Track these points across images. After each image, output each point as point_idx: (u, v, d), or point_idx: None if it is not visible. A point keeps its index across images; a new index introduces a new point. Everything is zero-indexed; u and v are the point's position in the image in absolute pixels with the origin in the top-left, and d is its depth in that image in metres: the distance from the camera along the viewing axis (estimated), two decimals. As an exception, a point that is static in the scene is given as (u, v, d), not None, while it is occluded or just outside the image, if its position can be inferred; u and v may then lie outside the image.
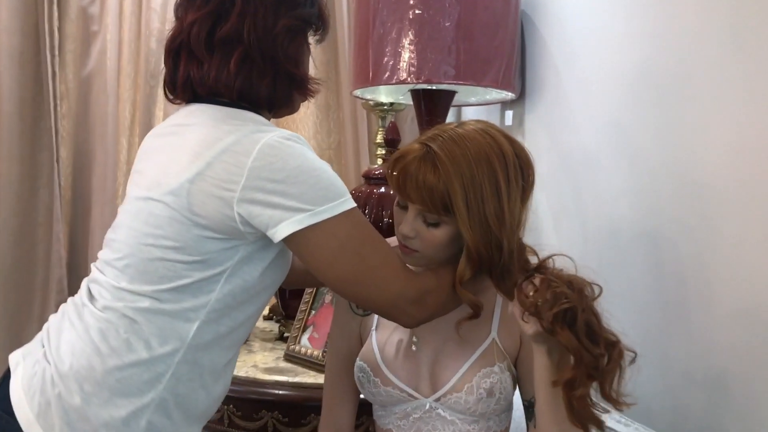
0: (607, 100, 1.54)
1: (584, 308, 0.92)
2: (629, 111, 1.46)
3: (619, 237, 1.49)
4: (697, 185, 1.25)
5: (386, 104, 2.03)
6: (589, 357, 0.92)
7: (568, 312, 0.91)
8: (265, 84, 1.05)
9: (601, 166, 1.56)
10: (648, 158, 1.40)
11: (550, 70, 1.82)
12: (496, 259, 0.99)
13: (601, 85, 1.57)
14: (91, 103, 2.33)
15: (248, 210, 0.95)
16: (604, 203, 1.55)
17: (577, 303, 0.92)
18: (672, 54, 1.33)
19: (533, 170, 1.05)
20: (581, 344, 0.91)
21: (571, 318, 0.92)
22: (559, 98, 1.77)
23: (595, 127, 1.59)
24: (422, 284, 1.03)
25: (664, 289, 1.33)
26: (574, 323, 0.91)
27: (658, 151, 1.37)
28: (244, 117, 1.03)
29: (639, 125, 1.43)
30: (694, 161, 1.26)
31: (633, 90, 1.45)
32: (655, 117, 1.38)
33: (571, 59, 1.71)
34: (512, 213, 1.00)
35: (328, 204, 0.96)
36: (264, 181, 0.94)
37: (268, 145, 0.95)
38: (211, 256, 1.00)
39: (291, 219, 0.95)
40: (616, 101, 1.51)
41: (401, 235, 1.04)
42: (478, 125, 1.04)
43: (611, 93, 1.53)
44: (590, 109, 1.61)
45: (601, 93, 1.57)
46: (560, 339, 0.92)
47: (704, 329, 1.23)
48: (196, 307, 1.01)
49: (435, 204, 0.98)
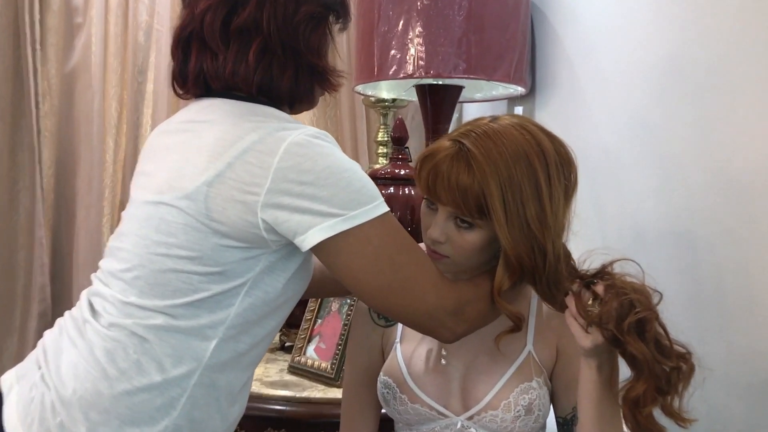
0: (629, 96, 1.49)
1: (654, 318, 0.88)
2: (656, 106, 1.40)
3: (645, 239, 1.43)
4: (736, 183, 1.19)
5: (388, 100, 1.99)
6: (661, 370, 0.86)
7: (641, 322, 0.87)
8: (287, 77, 0.98)
9: (623, 165, 1.50)
10: (678, 155, 1.34)
11: (563, 65, 1.76)
12: (541, 267, 0.93)
13: (624, 80, 1.51)
14: (74, 101, 2.25)
15: (274, 215, 0.88)
16: (626, 204, 1.49)
17: (649, 312, 0.87)
18: (706, 45, 1.27)
19: (576, 169, 0.99)
20: (654, 357, 0.85)
21: (641, 328, 0.87)
22: (574, 94, 1.71)
23: (615, 124, 1.53)
24: (461, 294, 0.96)
25: (699, 292, 1.27)
26: (644, 334, 0.87)
27: (690, 148, 1.31)
28: (266, 113, 0.95)
29: (667, 121, 1.37)
30: (732, 158, 1.20)
31: (660, 84, 1.39)
32: (687, 112, 1.32)
33: (588, 53, 1.65)
34: (555, 215, 0.94)
35: (362, 208, 0.89)
36: (291, 183, 0.87)
37: (296, 144, 0.88)
38: (231, 266, 0.91)
39: (322, 225, 0.88)
40: (640, 96, 1.45)
41: (430, 240, 0.98)
42: (513, 120, 0.98)
43: (635, 88, 1.47)
44: (610, 105, 1.55)
45: (623, 88, 1.51)
46: (633, 351, 0.86)
47: (745, 334, 1.17)
48: (214, 323, 0.92)
49: (469, 206, 0.92)
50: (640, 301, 0.88)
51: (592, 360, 0.92)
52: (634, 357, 0.87)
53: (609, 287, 0.90)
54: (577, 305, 0.92)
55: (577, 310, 0.91)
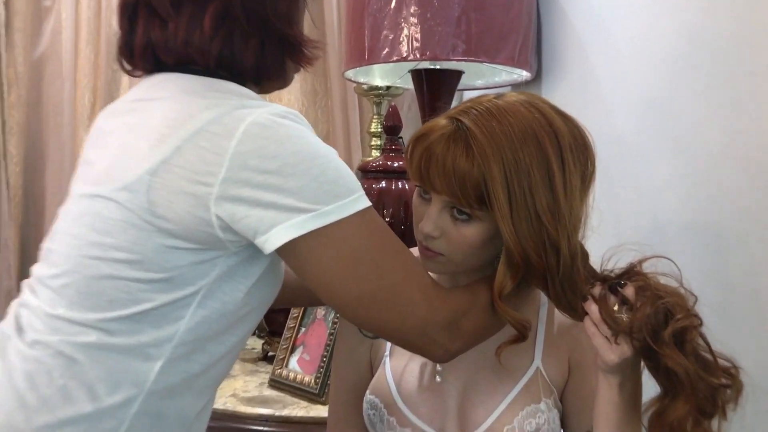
0: (647, 77, 1.35)
1: (695, 326, 0.79)
2: (678, 88, 1.27)
3: (665, 235, 1.30)
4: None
5: (382, 88, 1.86)
6: (706, 388, 0.77)
7: (681, 332, 0.77)
8: (251, 48, 0.84)
9: (640, 154, 1.36)
10: (704, 142, 1.21)
11: (572, 46, 1.62)
12: (554, 267, 0.82)
13: (639, 60, 1.37)
14: (43, 90, 2.15)
15: (230, 211, 0.74)
16: (644, 197, 1.36)
17: (691, 320, 0.78)
18: (735, 16, 1.14)
19: (593, 154, 0.89)
20: (698, 373, 0.76)
21: (680, 339, 0.78)
22: (584, 77, 1.56)
23: (632, 109, 1.39)
24: (456, 305, 0.82)
25: (729, 295, 1.14)
26: (684, 346, 0.78)
27: (717, 134, 1.18)
28: (226, 89, 0.81)
29: (691, 104, 1.24)
30: (766, 144, 1.07)
31: (683, 63, 1.26)
32: (713, 93, 1.19)
33: (599, 31, 1.51)
34: (570, 206, 0.83)
35: (337, 202, 0.75)
36: (252, 171, 0.73)
37: (258, 124, 0.74)
38: (180, 272, 0.77)
39: (288, 222, 0.73)
40: (659, 77, 1.32)
41: (422, 234, 0.86)
42: (521, 97, 0.87)
43: (653, 68, 1.33)
44: (625, 88, 1.41)
45: (640, 69, 1.37)
46: (672, 366, 0.76)
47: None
48: (159, 340, 0.78)
49: (467, 194, 0.81)
50: (680, 307, 0.78)
51: (614, 377, 0.82)
52: (671, 373, 0.77)
53: (641, 290, 0.80)
54: (601, 312, 0.81)
55: (602, 318, 0.80)
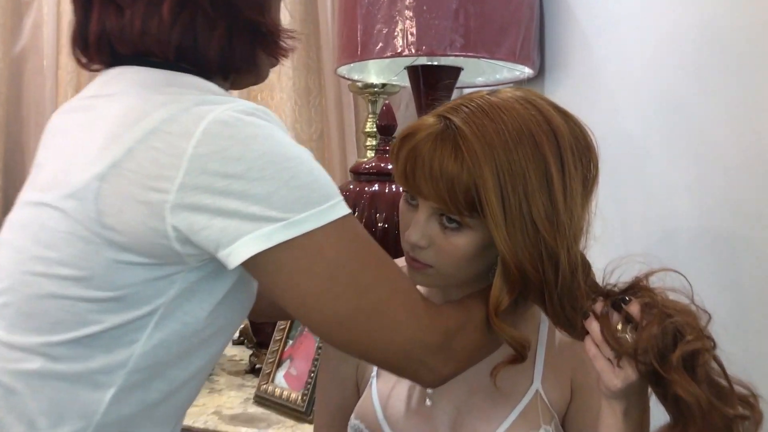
0: (658, 74, 1.27)
1: (708, 349, 0.72)
2: (690, 86, 1.19)
3: (676, 243, 1.22)
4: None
5: (377, 86, 1.78)
6: (720, 419, 0.70)
7: (692, 355, 0.70)
8: (216, 38, 0.75)
9: (651, 156, 1.28)
10: (718, 143, 1.13)
11: (576, 40, 1.53)
12: (552, 280, 0.75)
13: (650, 56, 1.29)
14: (23, 88, 2.09)
15: (189, 221, 0.65)
16: (654, 201, 1.29)
17: (703, 342, 0.71)
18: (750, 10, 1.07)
19: (596, 156, 0.82)
20: (711, 402, 0.69)
21: (691, 363, 0.71)
22: (590, 74, 1.48)
23: (641, 107, 1.31)
24: (447, 323, 0.74)
25: (744, 309, 1.06)
26: (695, 370, 0.71)
27: (732, 134, 1.10)
28: (186, 83, 0.73)
29: (704, 103, 1.16)
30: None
31: (695, 59, 1.18)
32: (728, 92, 1.11)
33: (606, 25, 1.43)
34: (571, 213, 0.76)
35: (311, 209, 0.67)
36: (213, 176, 0.64)
37: (220, 123, 0.65)
38: (133, 290, 0.68)
39: (254, 233, 0.65)
40: (671, 74, 1.23)
41: (409, 244, 0.79)
42: (517, 93, 0.81)
43: (664, 64, 1.25)
44: (635, 85, 1.33)
45: (651, 65, 1.29)
46: (681, 394, 0.69)
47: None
48: (110, 367, 0.69)
49: (456, 200, 0.74)
50: (690, 327, 0.71)
51: (618, 403, 0.75)
52: (681, 401, 0.70)
53: (647, 307, 0.73)
54: (603, 330, 0.74)
55: (603, 338, 0.73)
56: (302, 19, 2.08)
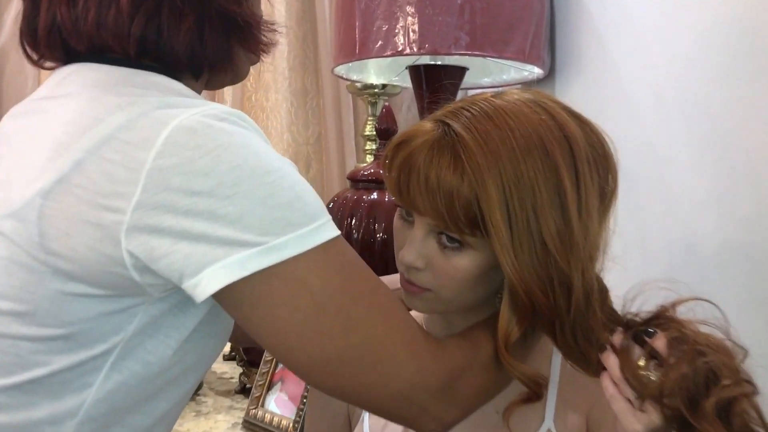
0: (680, 74, 1.18)
1: (747, 395, 0.63)
2: (718, 88, 1.10)
3: (701, 261, 1.13)
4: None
5: (377, 86, 1.70)
6: None
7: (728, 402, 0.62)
8: (185, 30, 0.65)
9: (674, 165, 1.19)
10: (748, 151, 1.05)
11: (591, 39, 1.44)
12: (563, 308, 0.66)
13: (673, 55, 1.20)
14: (3, 87, 2.02)
15: (148, 245, 0.55)
16: (677, 215, 1.20)
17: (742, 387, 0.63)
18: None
19: (615, 166, 0.74)
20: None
21: (726, 410, 0.62)
22: (606, 75, 1.38)
23: (661, 111, 1.22)
24: (452, 361, 0.65)
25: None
26: (730, 418, 0.62)
27: (762, 140, 1.02)
28: (147, 82, 0.63)
29: (732, 106, 1.08)
30: None
31: (725, 59, 1.09)
32: (758, 94, 1.03)
33: (622, 21, 1.33)
34: (586, 232, 0.68)
35: (293, 232, 0.57)
36: (176, 193, 0.55)
37: (186, 130, 0.56)
38: (85, 327, 0.58)
39: (226, 260, 0.55)
40: (697, 77, 1.15)
41: (404, 265, 0.71)
42: (525, 95, 0.72)
43: (687, 63, 1.16)
44: (656, 87, 1.24)
45: (671, 64, 1.20)
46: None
47: None
48: (59, 416, 0.59)
49: (455, 217, 0.66)
50: (727, 368, 0.62)
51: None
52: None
53: (676, 342, 0.64)
54: (622, 367, 0.65)
55: (623, 375, 0.65)
56: (299, 17, 2.00)
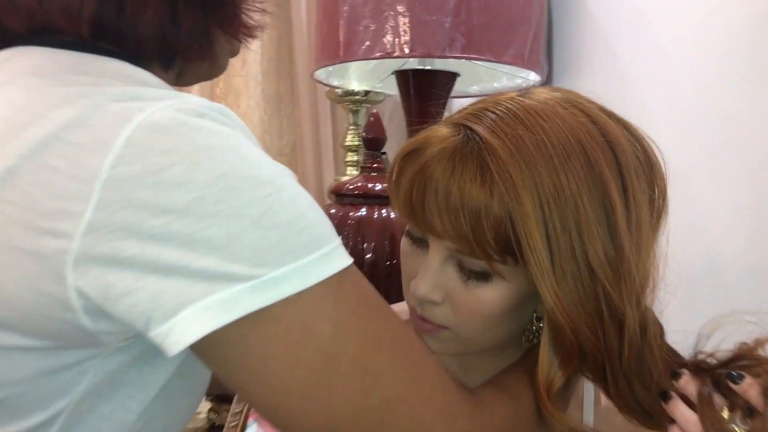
0: (700, 79, 1.09)
1: None
2: (746, 95, 1.01)
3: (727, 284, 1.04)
4: None
5: (359, 93, 1.62)
6: None
7: None
8: (153, 5, 0.51)
9: (696, 180, 1.10)
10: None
11: (594, 42, 1.35)
12: (614, 346, 0.57)
13: (689, 57, 1.11)
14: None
15: (103, 281, 0.42)
16: (700, 234, 1.12)
17: None
18: None
19: (663, 177, 0.66)
20: None
21: None
22: (613, 81, 1.29)
23: (683, 122, 1.13)
24: (489, 422, 0.54)
25: None
26: None
27: None
28: (104, 69, 0.49)
29: (761, 114, 0.98)
30: None
31: (753, 62, 1.00)
32: None
33: (633, 23, 1.24)
34: (638, 255, 0.58)
35: (296, 261, 0.44)
36: (141, 210, 0.41)
37: (154, 128, 0.43)
38: (19, 389, 0.45)
39: (207, 299, 0.42)
40: (720, 81, 1.06)
41: (416, 299, 0.62)
42: (556, 94, 0.62)
43: (713, 69, 1.07)
44: (674, 95, 1.15)
45: (691, 68, 1.11)
46: None
47: None
48: None
49: (483, 240, 0.56)
50: None
51: None
52: None
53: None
54: (702, 419, 0.55)
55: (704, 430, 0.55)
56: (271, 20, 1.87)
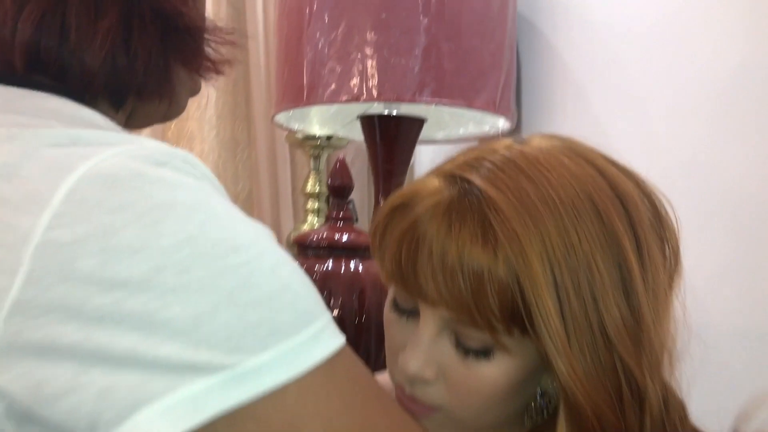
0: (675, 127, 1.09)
1: None
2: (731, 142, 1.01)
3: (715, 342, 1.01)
4: None
5: (321, 138, 1.55)
6: None
7: None
8: (103, 32, 0.44)
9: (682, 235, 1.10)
10: None
11: (565, 91, 1.33)
12: (634, 425, 0.52)
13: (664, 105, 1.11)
14: None
15: (33, 377, 0.33)
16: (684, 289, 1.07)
17: None
18: None
19: (675, 233, 0.60)
20: None
21: None
22: (584, 127, 1.27)
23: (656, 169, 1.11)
24: None
25: None
26: None
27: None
28: (39, 108, 0.42)
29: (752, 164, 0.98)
30: None
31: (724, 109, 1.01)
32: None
33: (606, 69, 1.24)
34: (657, 322, 0.53)
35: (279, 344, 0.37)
36: (86, 284, 0.33)
37: (103, 180, 0.35)
38: None
39: (171, 396, 0.34)
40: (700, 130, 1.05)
41: (405, 376, 0.54)
42: (554, 142, 0.57)
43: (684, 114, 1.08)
44: (645, 142, 1.15)
45: (666, 116, 1.11)
46: None
47: None
48: None
49: (487, 308, 0.49)
50: None
51: None
52: None
53: None
54: None
55: None
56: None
